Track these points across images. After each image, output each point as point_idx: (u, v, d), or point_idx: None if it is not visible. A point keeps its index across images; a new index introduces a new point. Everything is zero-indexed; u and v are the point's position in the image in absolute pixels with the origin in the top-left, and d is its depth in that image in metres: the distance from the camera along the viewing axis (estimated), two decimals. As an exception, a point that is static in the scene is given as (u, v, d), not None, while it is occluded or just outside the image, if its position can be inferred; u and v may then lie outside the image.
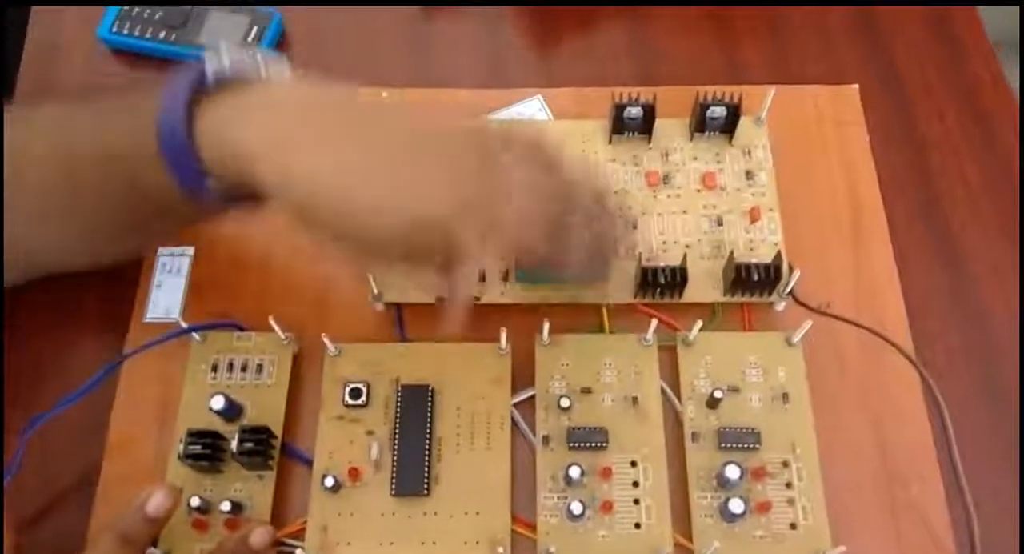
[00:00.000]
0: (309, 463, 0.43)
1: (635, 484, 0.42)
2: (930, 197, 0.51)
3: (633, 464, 0.42)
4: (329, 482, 0.41)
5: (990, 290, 0.48)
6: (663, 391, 0.44)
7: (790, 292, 0.45)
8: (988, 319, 0.47)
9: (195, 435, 0.41)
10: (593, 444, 0.42)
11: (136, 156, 0.36)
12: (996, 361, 0.46)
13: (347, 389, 0.43)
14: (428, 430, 0.42)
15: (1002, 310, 0.47)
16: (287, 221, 0.35)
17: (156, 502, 0.36)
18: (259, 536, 0.38)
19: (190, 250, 0.49)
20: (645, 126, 0.49)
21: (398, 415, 0.43)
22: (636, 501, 0.41)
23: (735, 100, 0.48)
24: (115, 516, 0.37)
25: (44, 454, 0.43)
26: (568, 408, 0.43)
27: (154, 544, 0.40)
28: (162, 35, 0.55)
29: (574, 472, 0.41)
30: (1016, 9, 0.79)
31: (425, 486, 0.41)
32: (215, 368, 0.44)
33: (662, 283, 0.44)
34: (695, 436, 0.43)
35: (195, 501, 0.40)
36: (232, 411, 0.42)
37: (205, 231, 0.49)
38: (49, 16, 0.58)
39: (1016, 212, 0.50)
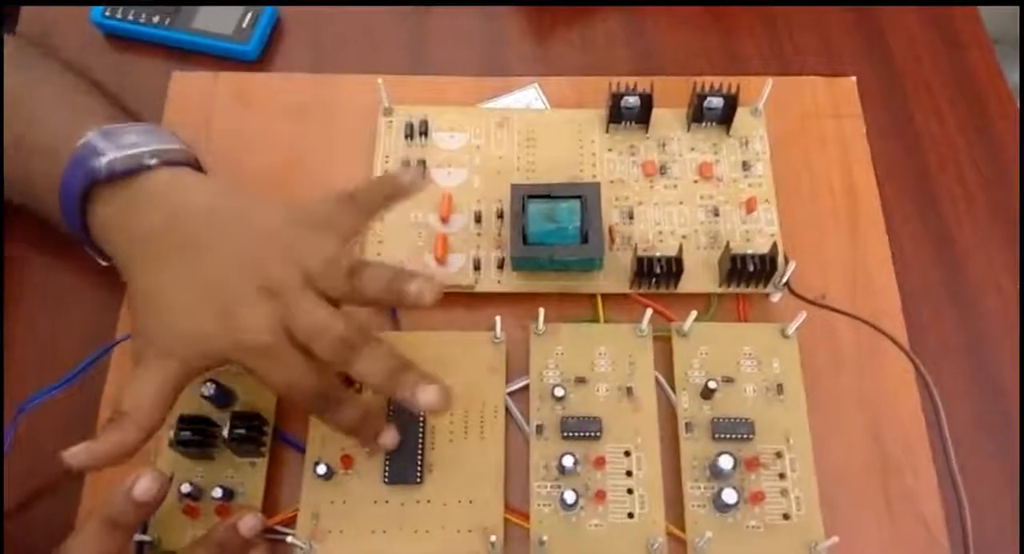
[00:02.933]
0: (301, 450, 0.42)
1: (629, 474, 0.42)
2: (926, 190, 0.51)
3: (627, 454, 0.42)
4: (321, 469, 0.41)
5: (985, 282, 0.48)
6: (657, 381, 0.44)
7: (786, 283, 0.45)
8: (982, 311, 0.47)
9: (186, 421, 0.41)
10: (587, 434, 0.42)
11: (49, 188, 0.41)
12: (990, 353, 0.46)
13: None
14: (421, 418, 0.42)
15: (996, 302, 0.47)
16: None
17: (143, 486, 0.36)
18: (248, 522, 0.38)
19: (183, 236, 0.48)
20: (642, 116, 0.49)
21: (391, 404, 0.42)
22: (630, 491, 0.41)
23: (732, 91, 0.48)
24: (103, 501, 0.36)
25: (33, 439, 0.43)
26: (562, 397, 0.43)
27: (144, 530, 0.40)
28: (155, 20, 0.54)
29: (567, 461, 0.41)
30: (1015, 7, 0.79)
31: (418, 474, 0.41)
32: (207, 354, 0.44)
33: (658, 273, 0.44)
34: (689, 426, 0.43)
35: (186, 488, 0.40)
36: (223, 397, 0.42)
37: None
38: (36, 18, 0.57)
39: (1012, 205, 0.50)
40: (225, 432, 0.40)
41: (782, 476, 0.42)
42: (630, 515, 0.41)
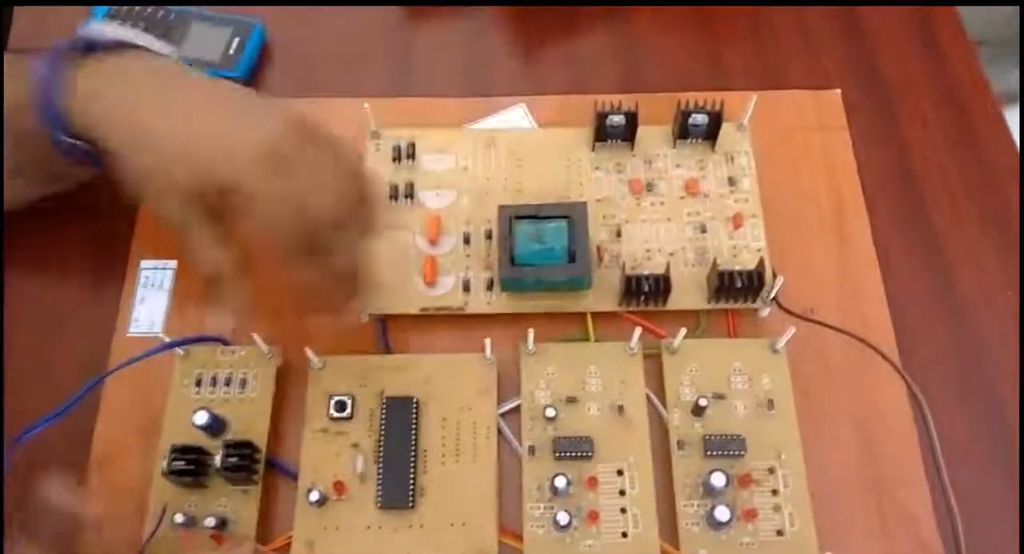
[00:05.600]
0: (294, 477, 0.42)
1: (621, 493, 0.42)
2: (913, 200, 0.51)
3: (619, 473, 0.42)
4: (314, 496, 0.41)
5: (974, 293, 0.48)
6: (648, 399, 0.44)
7: (774, 298, 0.45)
8: (972, 322, 0.47)
9: (179, 451, 0.41)
10: (579, 454, 0.42)
11: (18, 106, 0.40)
12: (980, 364, 0.46)
13: (332, 402, 0.43)
14: (413, 442, 0.42)
15: (986, 312, 0.47)
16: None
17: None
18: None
19: (172, 264, 0.48)
20: (628, 134, 0.49)
21: (383, 427, 0.43)
22: (623, 510, 0.41)
23: (717, 107, 0.48)
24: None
25: (27, 471, 0.43)
26: (554, 418, 0.43)
27: (140, 561, 0.40)
28: (143, 47, 0.54)
29: (560, 482, 0.41)
30: (1002, 8, 0.80)
31: (411, 498, 0.41)
32: (199, 382, 0.44)
33: (646, 291, 0.44)
34: (681, 444, 0.43)
35: (179, 518, 0.40)
36: (216, 426, 0.42)
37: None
38: (31, 19, 0.57)
39: (1001, 211, 0.50)
40: (218, 461, 0.41)
41: (775, 492, 0.42)
42: (624, 535, 0.41)
